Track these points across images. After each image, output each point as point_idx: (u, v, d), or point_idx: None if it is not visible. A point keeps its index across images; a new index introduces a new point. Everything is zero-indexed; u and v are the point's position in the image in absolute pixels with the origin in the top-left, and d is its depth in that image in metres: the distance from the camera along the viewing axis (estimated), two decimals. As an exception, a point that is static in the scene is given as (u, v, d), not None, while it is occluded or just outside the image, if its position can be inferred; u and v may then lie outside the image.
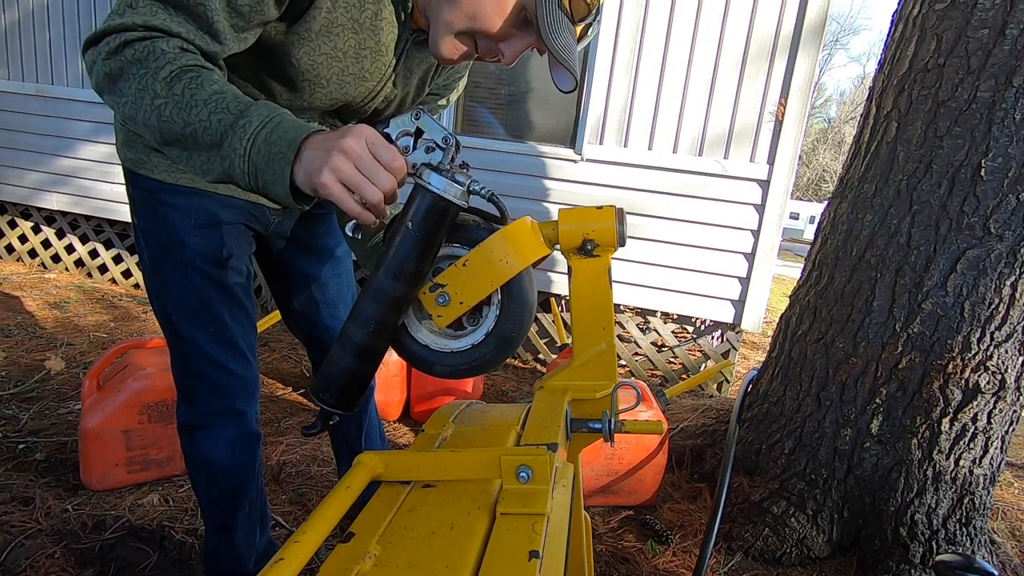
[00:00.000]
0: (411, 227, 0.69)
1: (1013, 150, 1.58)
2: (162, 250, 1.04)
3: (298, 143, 0.67)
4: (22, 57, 3.88)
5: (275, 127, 0.69)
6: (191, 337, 1.07)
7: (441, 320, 0.76)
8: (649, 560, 1.76)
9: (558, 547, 0.50)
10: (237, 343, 1.11)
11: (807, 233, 25.50)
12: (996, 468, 1.79)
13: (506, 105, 3.38)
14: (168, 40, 0.72)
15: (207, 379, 1.10)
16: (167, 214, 1.02)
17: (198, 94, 0.70)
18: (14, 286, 3.75)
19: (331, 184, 0.65)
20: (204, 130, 0.70)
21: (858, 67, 54.63)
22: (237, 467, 1.18)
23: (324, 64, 0.90)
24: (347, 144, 0.65)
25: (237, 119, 0.69)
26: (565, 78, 0.86)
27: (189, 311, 1.06)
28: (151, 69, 0.70)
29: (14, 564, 1.45)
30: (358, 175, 0.65)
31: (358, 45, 0.91)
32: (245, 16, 0.78)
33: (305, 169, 0.67)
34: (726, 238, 3.06)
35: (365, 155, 0.66)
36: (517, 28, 0.83)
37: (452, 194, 0.70)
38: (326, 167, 0.65)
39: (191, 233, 1.03)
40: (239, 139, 0.69)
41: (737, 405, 2.12)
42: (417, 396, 2.49)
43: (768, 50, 2.88)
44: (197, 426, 1.15)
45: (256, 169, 0.69)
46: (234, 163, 0.70)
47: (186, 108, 0.70)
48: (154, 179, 1.01)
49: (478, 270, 0.74)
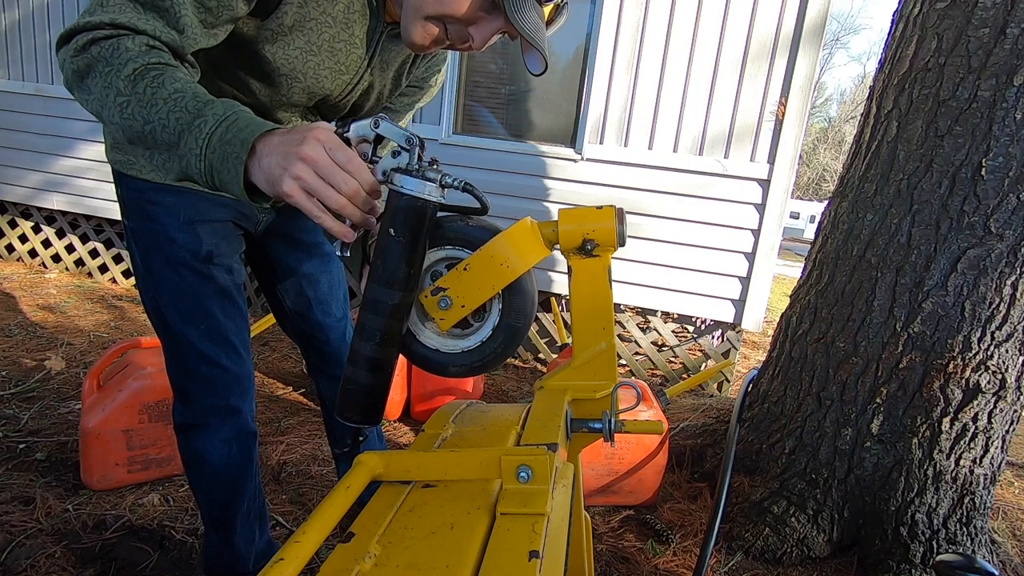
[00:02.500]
0: (393, 233, 0.69)
1: (1014, 149, 1.58)
2: (153, 249, 1.05)
3: (251, 142, 0.68)
4: (22, 57, 3.88)
5: (229, 126, 0.69)
6: (184, 335, 1.07)
7: (444, 323, 0.77)
8: (649, 560, 1.76)
9: (558, 547, 0.50)
10: (231, 340, 1.11)
11: (807, 233, 25.50)
12: (997, 468, 1.79)
13: (506, 104, 3.38)
14: (134, 38, 0.72)
15: (202, 377, 1.10)
16: (156, 213, 1.03)
17: (159, 92, 0.70)
18: (14, 286, 3.75)
19: (295, 192, 0.65)
20: (163, 128, 0.70)
21: (858, 66, 54.65)
22: (234, 466, 1.17)
23: (299, 59, 0.92)
24: (304, 152, 0.65)
25: (194, 118, 0.69)
26: (535, 60, 0.87)
27: (182, 309, 1.06)
28: (115, 66, 0.70)
29: (14, 564, 1.45)
30: (319, 180, 0.65)
31: (332, 39, 0.92)
32: (213, 12, 0.79)
33: (266, 176, 0.67)
34: (726, 238, 3.06)
35: (323, 159, 0.65)
36: (485, 11, 0.84)
37: (426, 192, 0.70)
38: (287, 175, 0.65)
39: (180, 230, 1.04)
40: (195, 138, 0.69)
41: (737, 405, 2.12)
42: (417, 396, 2.50)
43: (768, 49, 2.88)
44: (193, 425, 1.14)
45: (212, 168, 0.69)
46: (190, 162, 0.70)
47: (147, 106, 0.70)
48: (142, 179, 1.03)
49: (479, 274, 0.74)
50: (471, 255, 0.76)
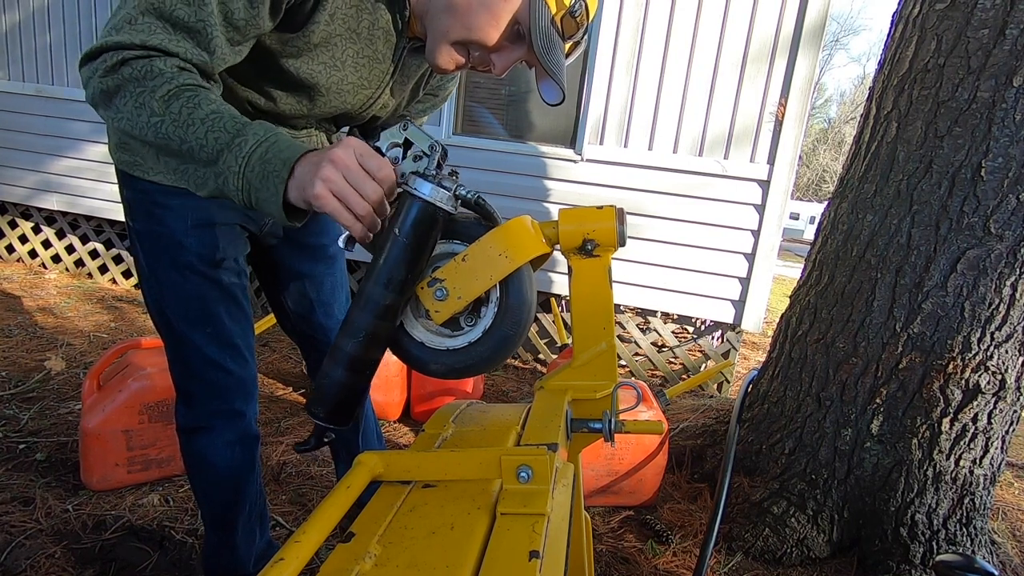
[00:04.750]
0: (399, 234, 0.69)
1: (1013, 150, 1.58)
2: (158, 252, 1.04)
3: (292, 162, 0.69)
4: (22, 58, 3.88)
5: (271, 146, 0.70)
6: (189, 338, 1.07)
7: (438, 315, 0.75)
8: (649, 560, 1.76)
9: (558, 547, 0.50)
10: (235, 343, 1.11)
11: (807, 233, 25.50)
12: (996, 468, 1.79)
13: (506, 105, 3.38)
14: (166, 59, 0.73)
15: (206, 380, 1.10)
16: (163, 216, 1.02)
17: (195, 113, 0.71)
18: (14, 286, 3.75)
19: (324, 195, 0.67)
20: (200, 148, 0.71)
21: (858, 67, 54.62)
22: (236, 468, 1.17)
23: (323, 73, 0.92)
24: (336, 155, 0.67)
25: (234, 138, 0.71)
26: (552, 91, 0.90)
27: (187, 312, 1.06)
28: (148, 88, 0.71)
29: (14, 564, 1.45)
30: (347, 186, 0.67)
31: (356, 54, 0.93)
32: (241, 31, 0.80)
33: (298, 184, 0.69)
34: (726, 238, 3.06)
35: (353, 165, 0.67)
36: (510, 41, 0.87)
37: (439, 199, 0.70)
38: (317, 178, 0.67)
39: (187, 234, 1.03)
40: (234, 157, 0.70)
41: (737, 405, 2.12)
42: (417, 396, 2.50)
43: (768, 50, 2.88)
44: (196, 428, 1.14)
45: (250, 186, 0.71)
46: (228, 180, 0.71)
47: (183, 126, 0.71)
48: (149, 181, 1.01)
49: (476, 265, 0.73)
50: (469, 246, 0.74)
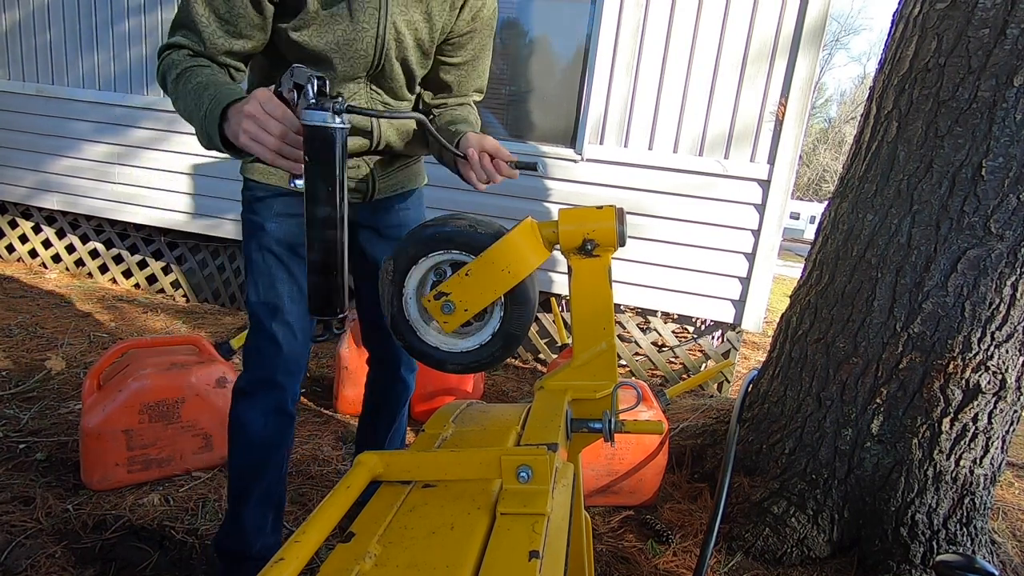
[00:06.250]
0: (308, 159, 0.80)
1: (1014, 150, 1.58)
2: (251, 234, 1.25)
3: (218, 112, 0.90)
4: (23, 57, 3.88)
5: (213, 101, 0.91)
6: (256, 310, 1.24)
7: (447, 326, 0.83)
8: (649, 560, 1.76)
9: (558, 547, 0.50)
10: (290, 322, 1.24)
11: (807, 233, 25.50)
12: (997, 468, 1.79)
13: (507, 105, 3.38)
14: (179, 51, 1.02)
15: (259, 350, 1.25)
16: (257, 206, 1.24)
17: (187, 86, 0.97)
18: (14, 286, 3.75)
19: (246, 142, 0.85)
20: (187, 112, 0.96)
21: (858, 67, 54.65)
22: (266, 438, 1.27)
23: (328, 31, 1.07)
24: (246, 108, 0.84)
25: (201, 100, 0.93)
26: None
27: (259, 287, 1.23)
28: (170, 73, 1.00)
29: (14, 564, 1.45)
30: (257, 128, 0.83)
31: (349, 3, 1.06)
32: (230, 21, 1.02)
33: (231, 131, 0.89)
34: (726, 238, 3.06)
35: (258, 111, 0.83)
36: None
37: (321, 120, 0.80)
38: (240, 130, 0.85)
39: (271, 220, 1.23)
40: (200, 117, 0.93)
41: (737, 405, 2.12)
42: (417, 396, 2.49)
43: (768, 50, 2.88)
44: (242, 392, 1.27)
45: (207, 133, 0.92)
46: (200, 135, 0.94)
47: (183, 98, 0.97)
48: (250, 179, 1.25)
49: (480, 280, 0.77)
50: (473, 260, 0.78)
